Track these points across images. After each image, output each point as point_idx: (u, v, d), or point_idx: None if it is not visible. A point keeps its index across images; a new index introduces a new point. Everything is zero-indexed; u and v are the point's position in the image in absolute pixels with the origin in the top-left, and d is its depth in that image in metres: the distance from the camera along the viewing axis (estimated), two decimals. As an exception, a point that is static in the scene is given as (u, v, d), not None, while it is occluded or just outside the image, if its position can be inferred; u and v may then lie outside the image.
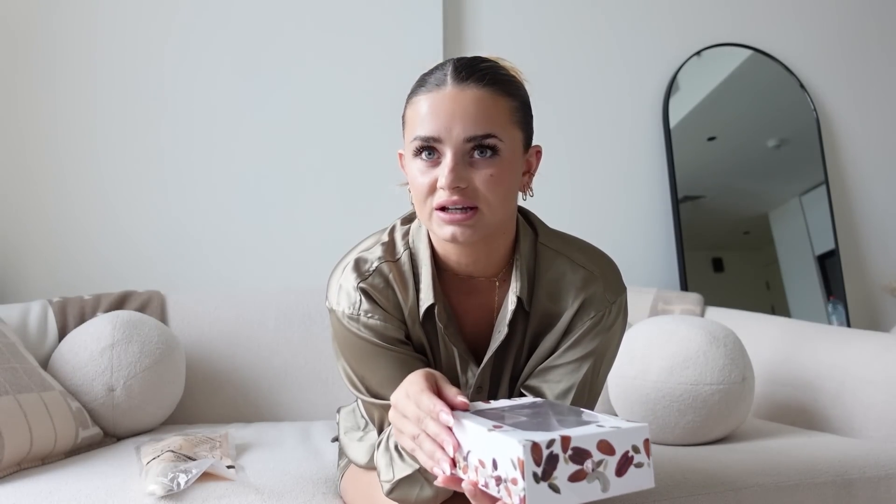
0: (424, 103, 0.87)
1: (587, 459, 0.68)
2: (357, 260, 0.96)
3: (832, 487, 1.24)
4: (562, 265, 0.97)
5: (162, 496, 1.07)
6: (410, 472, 0.88)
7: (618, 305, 0.96)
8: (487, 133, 0.85)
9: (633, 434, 0.70)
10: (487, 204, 0.86)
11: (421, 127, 0.86)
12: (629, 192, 2.37)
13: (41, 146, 1.97)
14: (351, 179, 2.13)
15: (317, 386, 1.75)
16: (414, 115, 0.88)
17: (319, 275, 1.99)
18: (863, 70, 2.56)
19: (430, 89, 0.87)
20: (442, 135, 0.85)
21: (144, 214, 2.02)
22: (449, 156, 0.85)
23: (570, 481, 0.67)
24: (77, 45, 1.99)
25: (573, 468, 0.68)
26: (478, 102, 0.85)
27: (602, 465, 0.69)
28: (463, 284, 0.97)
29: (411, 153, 0.88)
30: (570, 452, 0.68)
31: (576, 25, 2.34)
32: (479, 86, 0.86)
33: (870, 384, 1.53)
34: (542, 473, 0.66)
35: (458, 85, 0.85)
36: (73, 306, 1.67)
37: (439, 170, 0.85)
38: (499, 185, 0.86)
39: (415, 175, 0.88)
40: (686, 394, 1.40)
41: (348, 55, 2.14)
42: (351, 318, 0.93)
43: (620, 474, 0.69)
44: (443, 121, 0.85)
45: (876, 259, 2.54)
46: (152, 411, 1.53)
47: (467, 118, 0.84)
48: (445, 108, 0.85)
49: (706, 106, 2.40)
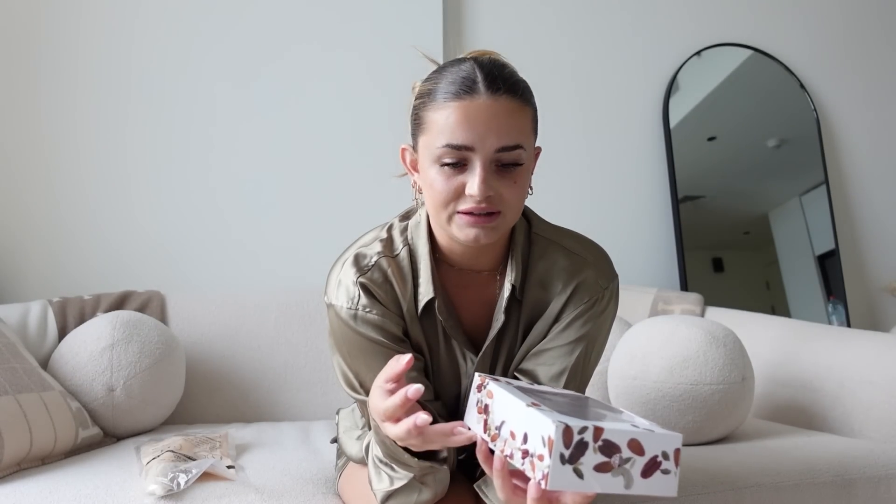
0: (456, 111, 0.84)
1: (616, 454, 0.69)
2: (356, 255, 0.96)
3: (832, 487, 1.24)
4: (554, 253, 0.99)
5: (162, 496, 1.07)
6: (406, 482, 0.88)
7: (610, 291, 0.98)
8: (517, 144, 0.86)
9: (666, 440, 0.71)
10: (510, 208, 0.88)
11: (452, 135, 0.84)
12: (629, 192, 2.37)
13: (41, 146, 1.97)
14: (351, 179, 2.13)
15: (317, 386, 1.75)
16: (441, 120, 0.86)
17: (319, 275, 1.99)
18: (863, 70, 2.56)
19: (461, 96, 0.84)
20: (476, 144, 0.84)
21: (144, 215, 2.02)
22: (479, 165, 0.85)
23: (595, 471, 0.69)
24: (77, 47, 1.99)
25: (600, 459, 0.69)
26: (510, 114, 0.85)
27: (629, 463, 0.70)
28: (461, 278, 0.99)
29: (434, 158, 0.87)
30: (601, 444, 0.69)
31: (576, 25, 2.34)
32: (510, 96, 0.85)
33: (870, 384, 1.53)
34: (570, 457, 0.68)
35: (492, 95, 0.84)
36: (73, 306, 1.67)
37: (466, 177, 0.86)
38: (521, 192, 0.89)
39: (436, 179, 0.87)
40: (686, 394, 1.40)
41: (347, 55, 2.14)
42: (349, 313, 0.93)
43: (646, 476, 0.70)
44: (478, 131, 0.84)
45: (876, 259, 2.54)
46: (152, 411, 1.53)
47: (501, 129, 0.84)
48: (481, 118, 0.84)
49: (706, 106, 2.40)
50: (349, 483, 1.10)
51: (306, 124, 2.12)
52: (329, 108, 2.13)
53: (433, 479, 0.89)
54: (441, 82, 0.87)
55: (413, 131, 0.92)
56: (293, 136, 2.11)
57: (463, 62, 0.89)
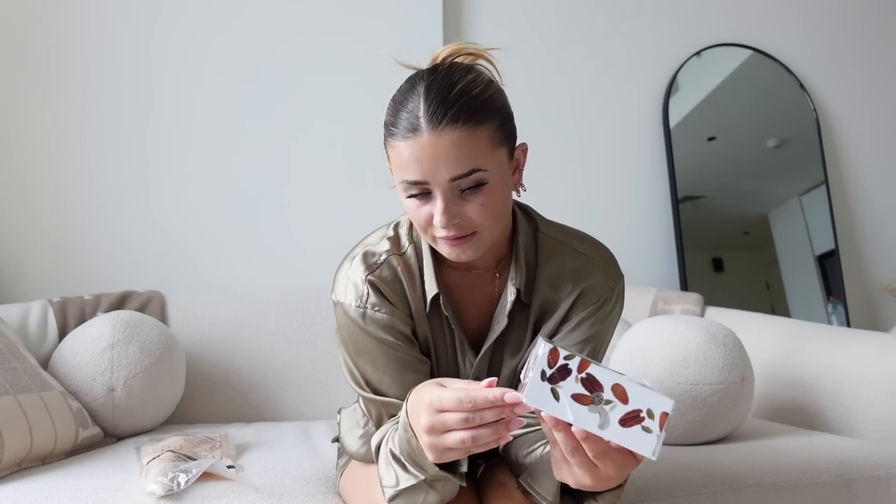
0: (405, 150, 0.85)
1: (597, 391, 0.72)
2: (365, 253, 0.97)
3: (832, 487, 1.24)
4: (562, 254, 0.99)
5: (162, 496, 1.07)
6: (415, 483, 0.87)
7: (617, 292, 0.99)
8: (471, 170, 0.84)
9: (655, 400, 0.72)
10: (484, 226, 0.88)
11: (406, 172, 0.86)
12: (629, 192, 2.37)
13: (41, 146, 1.97)
14: (351, 180, 2.13)
15: (317, 386, 1.75)
16: (396, 157, 0.87)
17: (319, 275, 2.00)
18: (863, 70, 2.56)
19: (406, 135, 0.85)
20: (428, 179, 0.85)
21: (145, 215, 2.02)
22: (439, 197, 0.85)
23: (573, 399, 0.72)
24: (75, 48, 1.99)
25: (580, 390, 0.72)
26: (456, 145, 0.83)
27: (609, 406, 0.72)
28: (463, 277, 1.00)
29: (401, 189, 0.88)
30: (584, 376, 0.72)
31: (576, 25, 2.34)
32: (454, 126, 0.83)
33: (870, 384, 1.53)
34: (550, 376, 0.72)
35: (433, 131, 0.83)
36: (73, 306, 1.67)
37: (432, 206, 0.87)
38: (492, 211, 0.88)
39: (409, 208, 0.89)
40: (686, 393, 1.40)
41: (346, 56, 2.14)
42: (358, 311, 0.94)
43: (624, 425, 0.72)
44: (426, 167, 0.84)
45: (876, 259, 2.54)
46: (152, 411, 1.53)
47: (449, 161, 0.84)
48: (426, 154, 0.84)
49: (706, 106, 2.40)
50: (351, 482, 1.10)
51: (306, 124, 2.12)
52: (329, 109, 2.13)
53: (443, 485, 0.88)
54: (395, 116, 0.87)
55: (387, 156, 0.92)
56: (293, 136, 2.11)
57: (414, 88, 0.87)
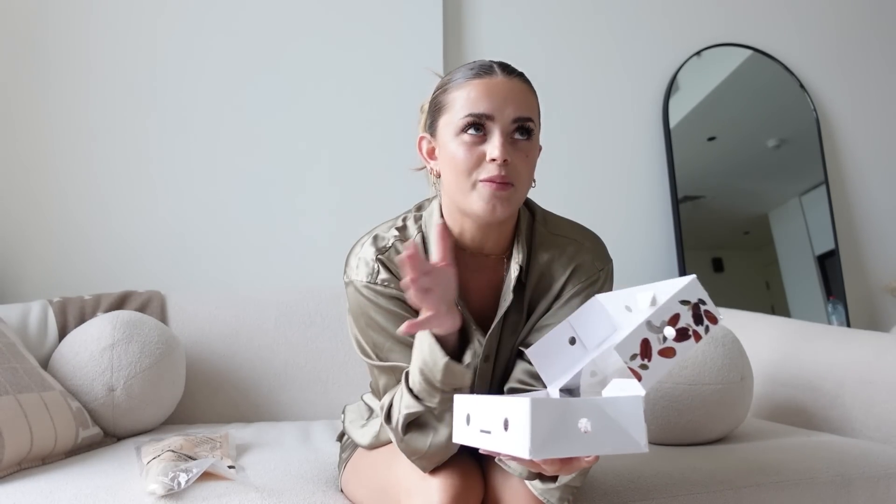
0: (477, 87, 0.97)
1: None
2: (375, 237, 1.05)
3: (831, 487, 1.24)
4: (556, 240, 1.07)
5: (162, 495, 1.07)
6: (420, 410, 0.92)
7: (605, 273, 1.07)
8: (530, 116, 0.97)
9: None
10: (520, 181, 0.97)
11: (474, 106, 0.96)
12: (629, 192, 2.37)
13: (41, 146, 1.97)
14: (351, 180, 2.14)
15: (317, 386, 1.75)
16: (462, 96, 0.97)
17: (319, 275, 2.00)
18: (863, 70, 2.56)
19: (480, 75, 0.97)
20: (495, 113, 0.95)
21: (145, 215, 2.02)
22: (497, 133, 0.95)
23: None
24: (76, 47, 1.99)
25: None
26: (523, 91, 0.98)
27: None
28: (471, 262, 1.05)
29: (456, 130, 0.97)
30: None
31: (576, 26, 2.34)
32: (521, 80, 0.99)
33: (870, 384, 1.53)
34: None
35: (507, 75, 0.98)
36: (73, 306, 1.67)
37: (486, 146, 0.95)
38: (530, 165, 0.98)
39: (458, 150, 0.96)
40: (685, 393, 1.40)
41: (348, 58, 2.14)
42: (369, 287, 1.00)
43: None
44: (497, 101, 0.95)
45: (876, 259, 2.54)
46: (152, 411, 1.53)
47: (517, 102, 0.96)
48: (499, 91, 0.96)
49: (706, 106, 2.40)
50: (355, 471, 1.12)
51: (306, 126, 2.12)
52: (329, 112, 2.13)
53: (451, 416, 0.92)
54: (458, 72, 1.00)
55: (432, 119, 1.02)
56: (293, 137, 2.11)
57: (474, 61, 1.01)
